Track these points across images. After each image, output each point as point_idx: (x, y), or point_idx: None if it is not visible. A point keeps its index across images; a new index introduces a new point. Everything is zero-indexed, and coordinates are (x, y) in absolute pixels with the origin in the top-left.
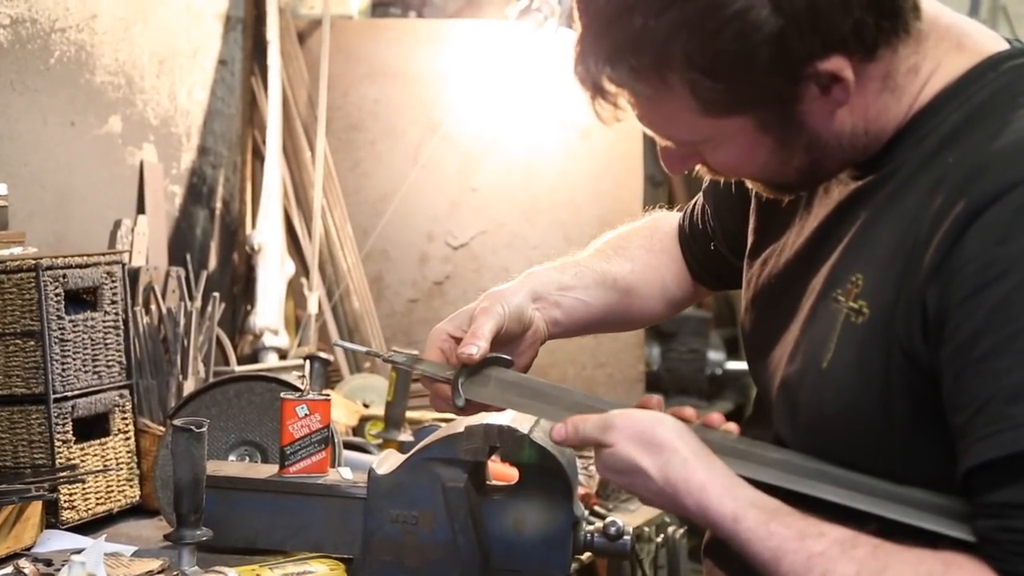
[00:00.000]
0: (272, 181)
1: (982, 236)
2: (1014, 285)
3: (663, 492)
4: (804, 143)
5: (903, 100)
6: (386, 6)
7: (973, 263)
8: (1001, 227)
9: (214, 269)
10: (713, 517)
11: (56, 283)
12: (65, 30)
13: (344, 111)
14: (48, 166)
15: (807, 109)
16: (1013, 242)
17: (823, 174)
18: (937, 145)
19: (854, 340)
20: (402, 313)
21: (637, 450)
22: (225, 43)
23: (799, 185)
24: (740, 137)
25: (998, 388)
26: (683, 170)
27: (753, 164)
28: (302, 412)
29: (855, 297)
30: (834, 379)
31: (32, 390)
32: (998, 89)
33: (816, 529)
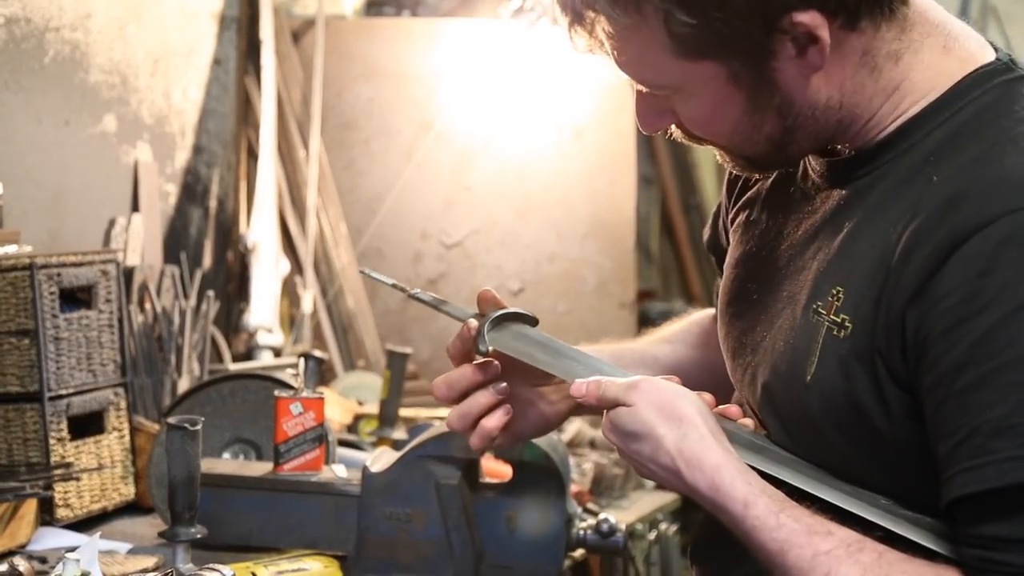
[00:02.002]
0: (266, 180)
1: (964, 267)
2: (996, 319)
3: (673, 465)
4: (776, 105)
5: (879, 82)
6: (380, 6)
7: (955, 294)
8: (983, 259)
9: (208, 268)
10: (723, 499)
11: (51, 282)
12: (59, 29)
13: (338, 110)
14: (43, 165)
15: (781, 68)
16: (995, 275)
17: (794, 148)
18: (921, 160)
19: (837, 355)
20: (396, 311)
21: (657, 416)
22: (219, 42)
23: (770, 158)
24: (711, 87)
25: (981, 421)
26: (657, 128)
27: (724, 122)
28: (296, 410)
29: (836, 311)
30: (819, 392)
31: (27, 388)
32: (984, 107)
33: (824, 528)
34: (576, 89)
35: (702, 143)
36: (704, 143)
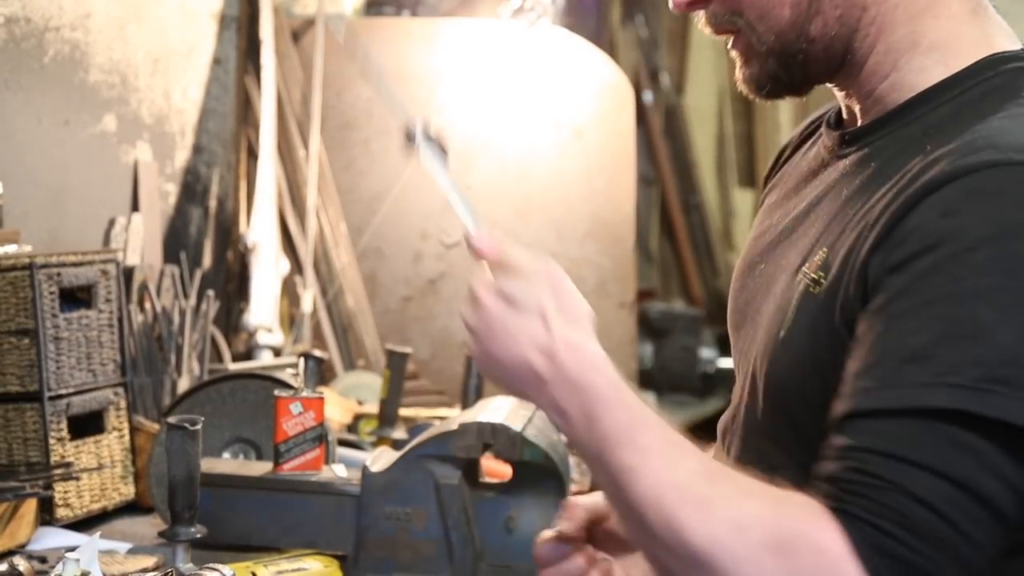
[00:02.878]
0: (266, 179)
1: (930, 209)
2: (944, 255)
3: (549, 345)
4: None
5: (912, 3)
6: (380, 5)
7: (915, 233)
8: (950, 202)
9: (208, 267)
10: (599, 377)
11: (51, 281)
12: (59, 29)
13: (338, 110)
14: (42, 164)
15: None
16: (956, 217)
17: (818, 27)
18: (920, 133)
19: (809, 310)
20: (396, 311)
21: (553, 300)
22: (219, 42)
23: (788, 44)
24: None
25: (900, 347)
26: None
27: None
28: (296, 410)
29: (816, 269)
30: (789, 348)
31: (27, 388)
32: (991, 89)
33: (670, 425)
34: (576, 89)
35: (726, 25)
36: (727, 26)
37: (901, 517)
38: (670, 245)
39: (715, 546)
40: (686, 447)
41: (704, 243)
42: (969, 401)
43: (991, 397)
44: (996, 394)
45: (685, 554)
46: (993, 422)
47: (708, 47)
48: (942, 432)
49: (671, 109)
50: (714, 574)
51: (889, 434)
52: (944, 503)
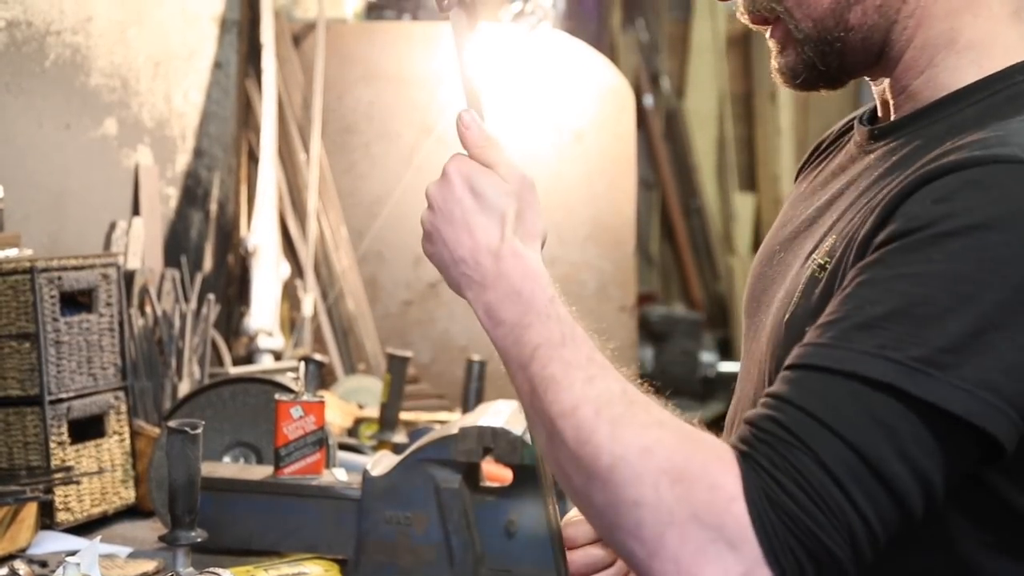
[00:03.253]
0: (267, 183)
1: (926, 195)
2: (925, 236)
3: (496, 247)
4: None
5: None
6: (380, 9)
7: (907, 214)
8: (945, 190)
9: (209, 271)
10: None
11: (51, 285)
12: (60, 32)
13: (339, 113)
14: (43, 168)
15: None
16: (947, 203)
17: (857, 16)
18: (944, 132)
19: (810, 293)
20: (396, 315)
21: (517, 204)
22: (220, 46)
23: (827, 31)
24: None
25: (857, 312)
26: None
27: None
28: (297, 414)
29: (824, 255)
30: (792, 330)
31: (27, 392)
32: (1019, 94)
33: (600, 352)
34: (576, 93)
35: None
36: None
37: (799, 475)
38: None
39: (620, 462)
40: (610, 370)
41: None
42: (902, 378)
43: (924, 378)
44: (930, 377)
45: (591, 467)
46: (920, 402)
47: (708, 51)
48: (867, 402)
49: (671, 113)
50: (614, 489)
51: (817, 392)
52: (844, 472)
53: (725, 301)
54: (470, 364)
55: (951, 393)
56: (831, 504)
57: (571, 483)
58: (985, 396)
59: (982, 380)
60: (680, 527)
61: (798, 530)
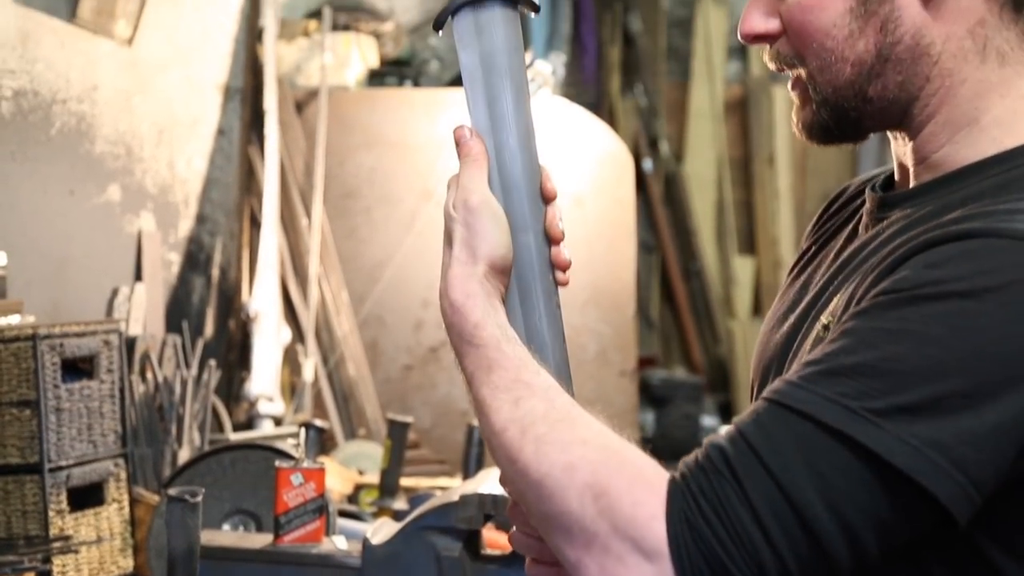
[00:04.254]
0: (269, 248)
1: (924, 259)
2: (909, 296)
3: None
4: (883, 17)
5: (977, 72)
6: (382, 76)
7: (898, 276)
8: (939, 256)
9: (210, 336)
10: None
11: (53, 352)
12: (66, 101)
13: (340, 179)
14: (47, 235)
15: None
16: (938, 269)
17: (878, 90)
18: (958, 202)
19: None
20: (397, 379)
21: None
22: (224, 113)
23: (847, 100)
24: None
25: (830, 359)
26: (757, 33)
27: (826, 13)
28: (297, 481)
29: (828, 315)
30: None
31: (27, 459)
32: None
33: (535, 367)
34: (576, 158)
35: (788, 66)
36: (788, 66)
37: (720, 506)
38: (671, 312)
39: (546, 478)
40: (536, 388)
41: (705, 310)
42: (851, 425)
43: (873, 429)
44: (880, 428)
45: (522, 482)
46: (864, 451)
47: (706, 116)
48: (812, 446)
49: (671, 177)
50: (544, 502)
51: (768, 428)
52: (767, 510)
53: (726, 365)
54: (471, 429)
55: (897, 446)
56: (744, 539)
57: (514, 493)
58: (932, 455)
59: (933, 440)
60: (603, 538)
61: (710, 557)
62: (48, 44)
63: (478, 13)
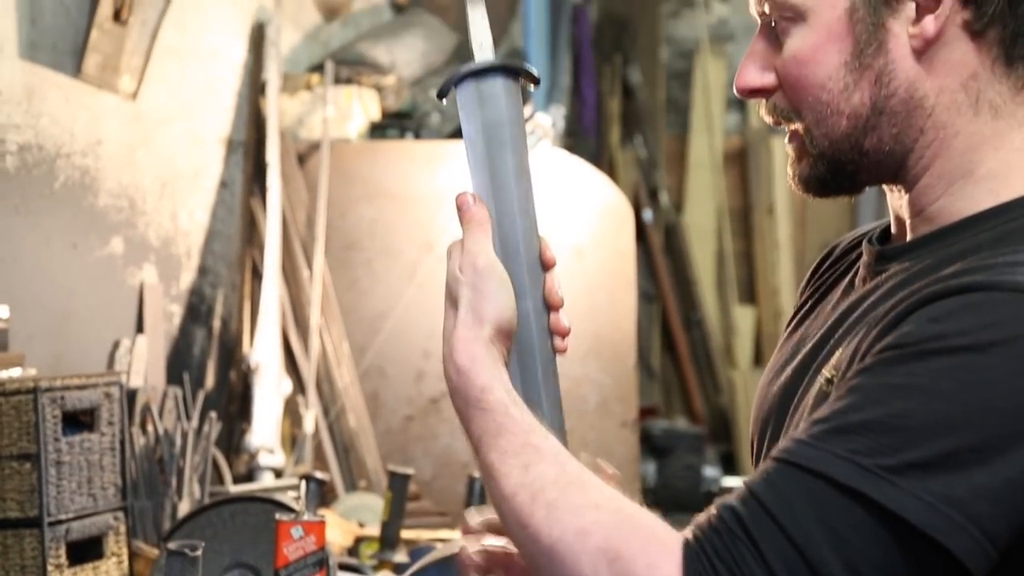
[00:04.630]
0: (270, 300)
1: (927, 313)
2: (914, 352)
3: (447, 339)
4: (878, 69)
5: (971, 124)
6: (384, 128)
7: (902, 331)
8: (942, 310)
9: (211, 388)
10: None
11: (54, 405)
12: (70, 155)
13: (342, 231)
14: (49, 288)
15: (894, 30)
16: (942, 323)
17: (873, 142)
18: (957, 255)
19: (813, 409)
20: (398, 431)
21: (471, 295)
22: (226, 165)
23: (843, 152)
24: (826, 18)
25: (837, 416)
26: (753, 87)
27: (822, 67)
28: (297, 534)
29: (831, 369)
30: None
31: (26, 513)
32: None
33: (543, 432)
34: (576, 209)
35: (784, 120)
36: (785, 120)
37: (737, 568)
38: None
39: (558, 544)
40: (546, 453)
41: (706, 360)
42: (865, 483)
43: (888, 486)
44: (894, 486)
45: (533, 548)
46: (879, 509)
47: (706, 167)
48: (826, 504)
49: (671, 227)
50: (557, 568)
51: (780, 488)
52: (783, 570)
53: (727, 415)
54: (472, 481)
55: (912, 503)
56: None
57: (524, 558)
58: (947, 511)
59: (947, 496)
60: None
61: None
62: (53, 99)
63: (480, 84)
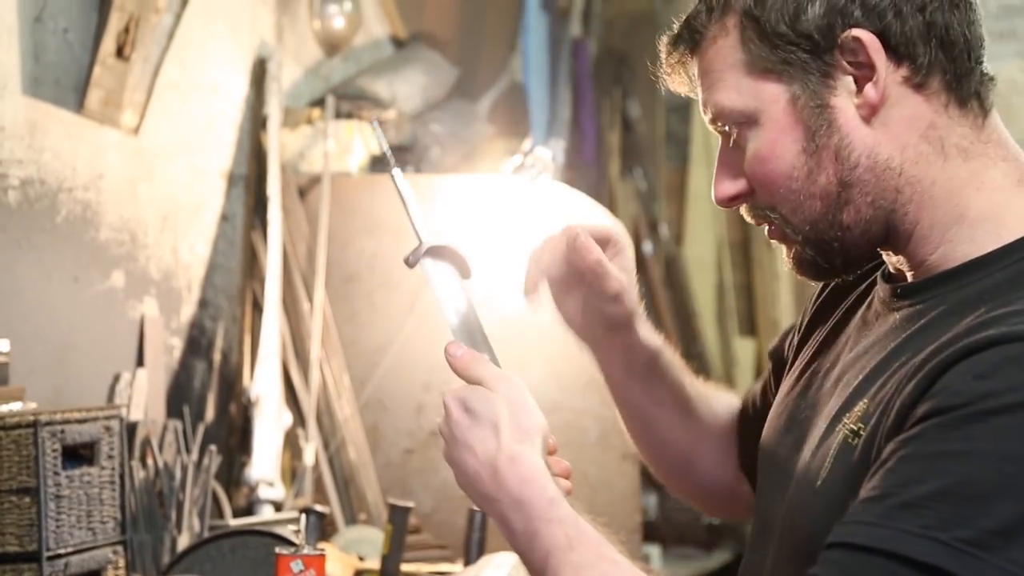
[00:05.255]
0: (270, 332)
1: (968, 369)
2: (968, 413)
3: (493, 457)
4: (835, 147)
5: (945, 171)
6: (384, 162)
7: (948, 389)
8: (985, 366)
9: (211, 421)
10: (532, 489)
11: (54, 438)
12: (72, 189)
13: (342, 264)
14: (50, 322)
15: (839, 105)
16: (988, 380)
17: (851, 214)
18: (975, 297)
19: (846, 461)
20: (398, 464)
21: (508, 415)
22: (227, 199)
23: (826, 231)
24: (774, 113)
25: (900, 490)
26: (730, 196)
27: (782, 160)
28: (297, 568)
29: (856, 420)
30: (825, 498)
31: (25, 548)
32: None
33: (611, 544)
34: None
35: (765, 218)
36: (766, 219)
37: None
38: None
39: None
40: (621, 565)
41: None
42: (948, 559)
43: (972, 560)
44: (978, 559)
45: None
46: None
47: (705, 199)
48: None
49: (671, 259)
50: None
51: (856, 573)
52: None
53: None
54: (472, 514)
55: (996, 575)
56: None
57: None
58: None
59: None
60: None
61: None
62: (55, 134)
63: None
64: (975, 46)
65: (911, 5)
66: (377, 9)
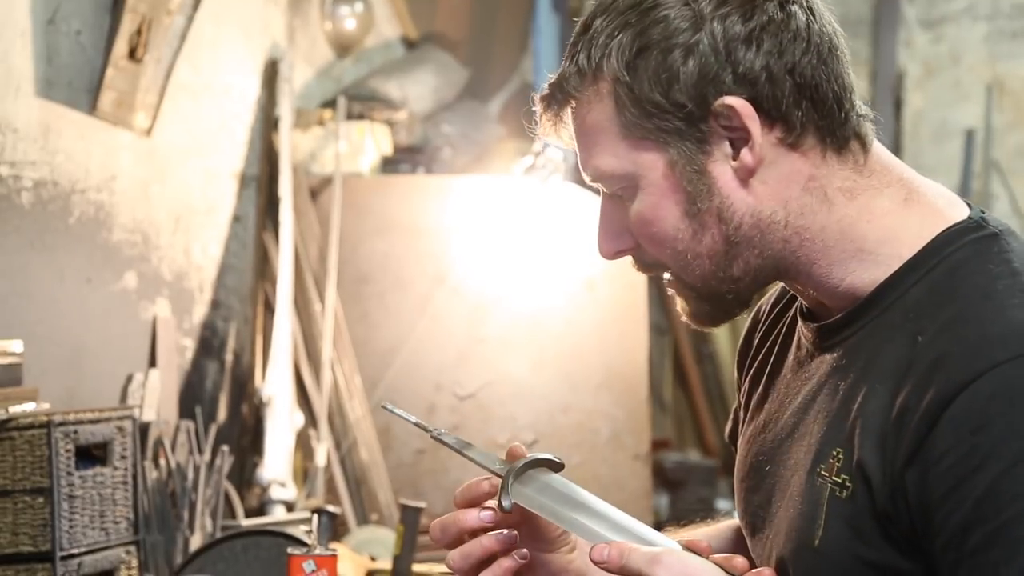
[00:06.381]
0: (282, 333)
1: (956, 425)
2: (996, 475)
3: None
4: (716, 208)
5: (832, 215)
6: (395, 163)
7: (951, 455)
8: (974, 415)
9: (223, 421)
10: None
11: (67, 439)
12: (85, 191)
13: (354, 264)
14: (63, 323)
15: (717, 169)
16: (988, 430)
17: (740, 267)
18: (900, 318)
19: (842, 516)
20: (409, 464)
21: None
22: (239, 200)
23: (717, 285)
24: (652, 178)
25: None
26: (615, 249)
27: (665, 221)
28: (309, 568)
29: (837, 471)
30: (829, 556)
31: (39, 548)
32: (956, 264)
33: None
34: (587, 243)
35: (655, 270)
36: (656, 270)
37: None
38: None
39: None
40: None
41: (718, 393)
42: None
43: None
44: None
45: None
46: None
47: None
48: None
49: None
50: None
51: None
52: None
53: None
54: None
55: None
56: None
57: None
58: None
59: None
60: None
61: None
62: (69, 136)
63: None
64: (846, 96)
65: (781, 67)
66: (388, 10)
